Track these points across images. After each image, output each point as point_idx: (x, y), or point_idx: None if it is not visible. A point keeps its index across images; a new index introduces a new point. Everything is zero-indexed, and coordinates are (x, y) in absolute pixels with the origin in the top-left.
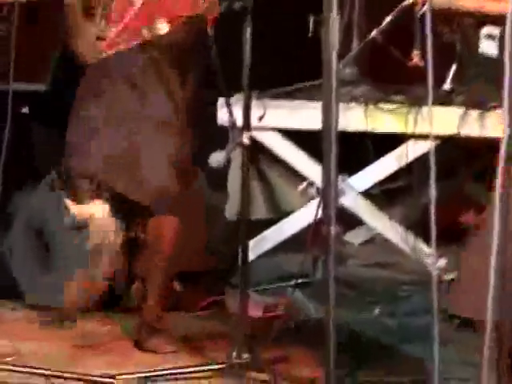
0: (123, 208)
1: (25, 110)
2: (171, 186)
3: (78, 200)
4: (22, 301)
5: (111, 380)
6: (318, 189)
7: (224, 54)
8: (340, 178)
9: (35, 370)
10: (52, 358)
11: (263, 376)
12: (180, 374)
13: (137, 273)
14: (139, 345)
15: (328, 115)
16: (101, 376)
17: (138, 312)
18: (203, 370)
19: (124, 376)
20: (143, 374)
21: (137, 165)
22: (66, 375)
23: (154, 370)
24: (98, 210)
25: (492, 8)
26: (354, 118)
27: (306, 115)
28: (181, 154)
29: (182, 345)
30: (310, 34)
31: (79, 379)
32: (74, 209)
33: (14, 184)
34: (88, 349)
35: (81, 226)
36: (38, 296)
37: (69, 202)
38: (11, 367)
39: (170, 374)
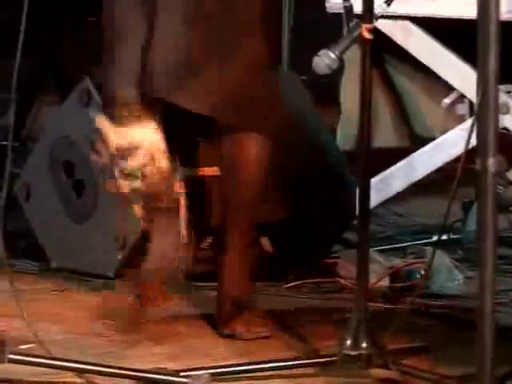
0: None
1: None
2: (251, 89)
3: (119, 121)
4: (45, 264)
5: (171, 378)
6: (470, 104)
7: None
8: (503, 88)
9: (63, 363)
10: (86, 345)
11: (388, 374)
12: (270, 369)
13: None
14: (219, 327)
15: None
16: (155, 372)
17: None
18: (304, 365)
19: (190, 373)
20: (217, 370)
21: (198, 65)
22: (105, 370)
23: (234, 365)
24: (148, 135)
25: None
26: None
27: None
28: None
29: (272, 330)
30: None
31: (125, 376)
32: (113, 133)
33: (32, 96)
34: (137, 333)
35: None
36: (67, 257)
37: (104, 123)
38: (29, 358)
39: (257, 369)
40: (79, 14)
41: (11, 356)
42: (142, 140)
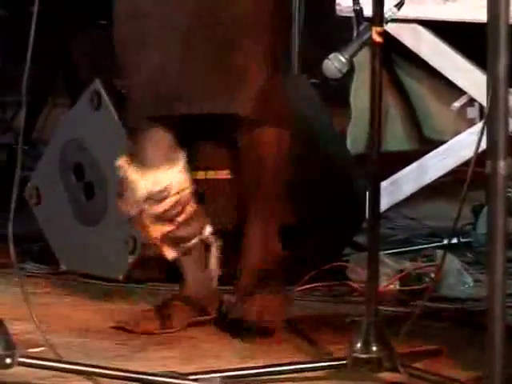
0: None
1: None
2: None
3: (146, 162)
4: (55, 267)
5: (181, 382)
6: (481, 108)
7: None
8: None
9: (72, 367)
10: (96, 348)
11: (398, 377)
12: (281, 372)
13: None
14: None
15: (496, 1)
16: (165, 375)
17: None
18: (314, 368)
19: (200, 376)
20: (228, 374)
21: (215, 71)
22: (115, 373)
23: (245, 369)
24: (176, 175)
25: None
26: None
27: (464, 2)
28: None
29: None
30: None
31: (135, 379)
32: (141, 179)
33: (42, 99)
34: (147, 336)
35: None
36: (77, 260)
37: (128, 169)
38: (38, 362)
39: (267, 372)
40: (89, 17)
41: (21, 359)
42: (171, 183)
